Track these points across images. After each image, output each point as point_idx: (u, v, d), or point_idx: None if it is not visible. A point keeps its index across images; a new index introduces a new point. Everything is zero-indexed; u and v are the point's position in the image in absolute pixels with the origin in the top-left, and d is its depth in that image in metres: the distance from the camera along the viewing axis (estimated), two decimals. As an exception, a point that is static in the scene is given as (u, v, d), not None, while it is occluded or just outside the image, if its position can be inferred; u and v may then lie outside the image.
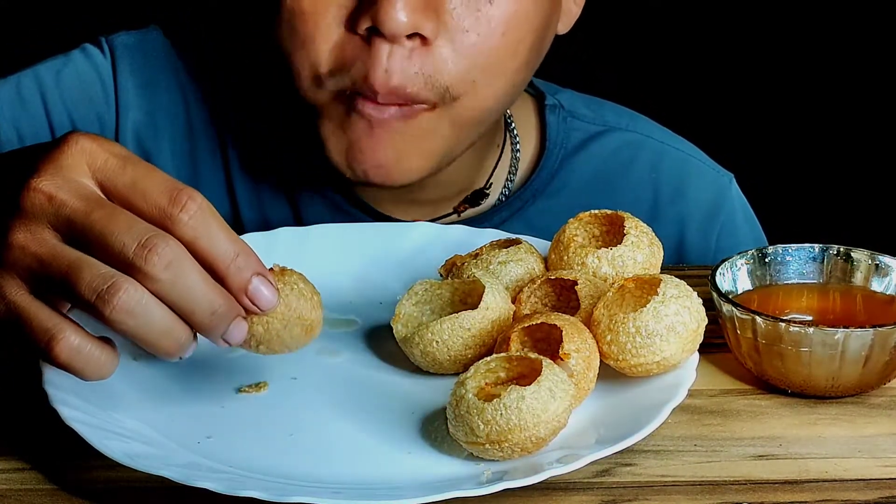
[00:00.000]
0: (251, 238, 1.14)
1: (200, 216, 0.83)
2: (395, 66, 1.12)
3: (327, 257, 1.13)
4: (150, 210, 0.83)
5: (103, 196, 0.84)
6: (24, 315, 0.84)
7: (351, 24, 1.14)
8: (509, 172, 1.35)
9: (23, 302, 0.84)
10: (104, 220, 0.83)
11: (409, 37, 1.12)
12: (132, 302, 0.82)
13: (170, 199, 0.83)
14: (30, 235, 0.84)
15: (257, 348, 0.89)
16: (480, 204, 1.34)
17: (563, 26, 1.27)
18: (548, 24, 1.21)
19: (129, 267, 0.82)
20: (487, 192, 1.34)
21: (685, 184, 1.40)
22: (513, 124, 1.36)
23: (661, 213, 1.38)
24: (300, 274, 0.91)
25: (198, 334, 0.87)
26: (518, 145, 1.36)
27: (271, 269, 0.89)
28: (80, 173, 0.84)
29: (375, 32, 1.12)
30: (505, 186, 1.35)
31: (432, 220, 1.31)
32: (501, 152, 1.35)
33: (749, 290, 1.05)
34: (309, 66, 1.16)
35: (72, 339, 0.83)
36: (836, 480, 0.91)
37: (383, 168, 1.16)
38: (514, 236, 1.11)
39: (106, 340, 0.85)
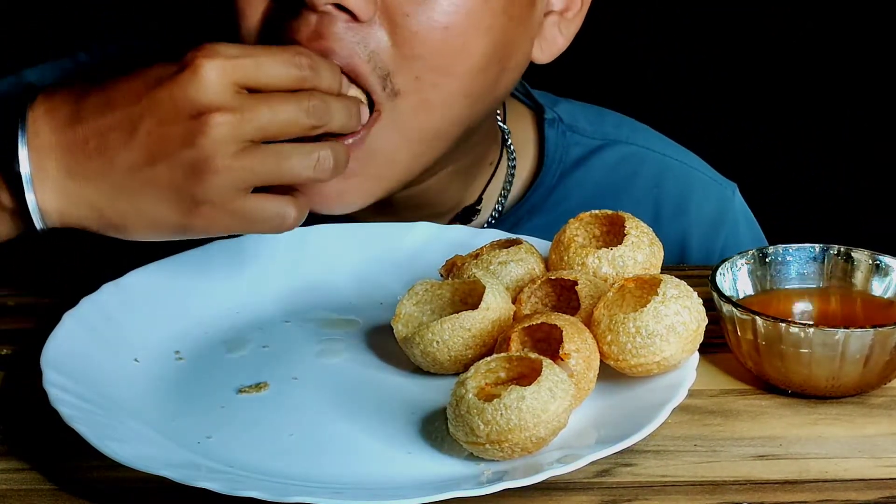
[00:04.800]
0: (252, 237, 1.14)
1: (318, 67, 1.02)
2: (325, 29, 1.07)
3: (327, 257, 1.13)
4: (290, 85, 1.00)
5: (248, 94, 0.99)
6: (249, 217, 0.99)
7: None
8: (503, 189, 1.33)
9: (242, 208, 0.98)
10: (279, 113, 0.98)
11: (339, 10, 1.07)
12: (333, 160, 1.01)
13: (297, 66, 1.00)
14: (229, 156, 0.97)
15: None
16: (472, 221, 1.31)
17: (545, 55, 1.21)
18: (509, 34, 1.14)
19: (311, 131, 1.00)
20: (479, 208, 1.31)
21: (688, 198, 1.38)
22: (509, 140, 1.33)
23: (664, 228, 1.35)
24: None
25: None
26: (514, 161, 1.34)
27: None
28: (224, 87, 0.98)
29: (302, 4, 1.08)
30: (498, 203, 1.33)
31: None
32: (496, 169, 1.32)
33: (749, 292, 1.05)
34: (244, 40, 1.12)
35: (298, 216, 1.01)
36: (836, 480, 0.91)
37: (325, 199, 1.11)
38: (514, 236, 1.10)
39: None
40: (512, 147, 1.33)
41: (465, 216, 1.30)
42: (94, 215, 1.00)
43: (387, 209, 1.23)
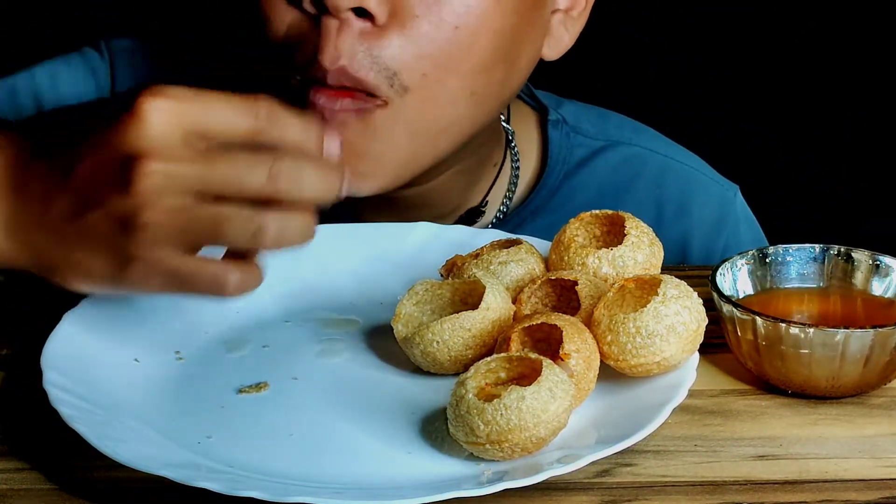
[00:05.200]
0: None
1: (280, 119, 0.90)
2: (343, 43, 1.09)
3: (327, 257, 1.13)
4: (243, 135, 0.89)
5: (201, 146, 0.89)
6: (183, 276, 0.89)
7: (297, 0, 1.12)
8: (508, 190, 1.33)
9: (179, 265, 0.89)
10: (223, 170, 0.88)
11: (359, 16, 1.09)
12: (279, 232, 0.89)
13: (253, 114, 0.89)
14: (163, 211, 0.87)
15: None
16: (476, 222, 1.32)
17: (552, 52, 1.23)
18: (518, 34, 1.16)
19: (263, 193, 0.89)
20: (483, 209, 1.32)
21: (689, 200, 1.38)
22: (513, 141, 1.34)
23: (665, 230, 1.35)
24: None
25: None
26: (518, 162, 1.34)
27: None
28: (168, 132, 0.88)
29: (323, 10, 1.10)
30: (503, 204, 1.33)
31: None
32: (500, 170, 1.33)
33: (749, 292, 1.05)
34: (269, 50, 1.14)
35: (238, 281, 0.90)
36: (836, 481, 0.91)
37: None
38: (514, 236, 1.11)
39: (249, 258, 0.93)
40: (516, 148, 1.33)
41: (469, 218, 1.30)
42: (35, 262, 0.94)
43: (392, 209, 1.23)
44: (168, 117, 0.88)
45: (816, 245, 1.07)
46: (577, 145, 1.37)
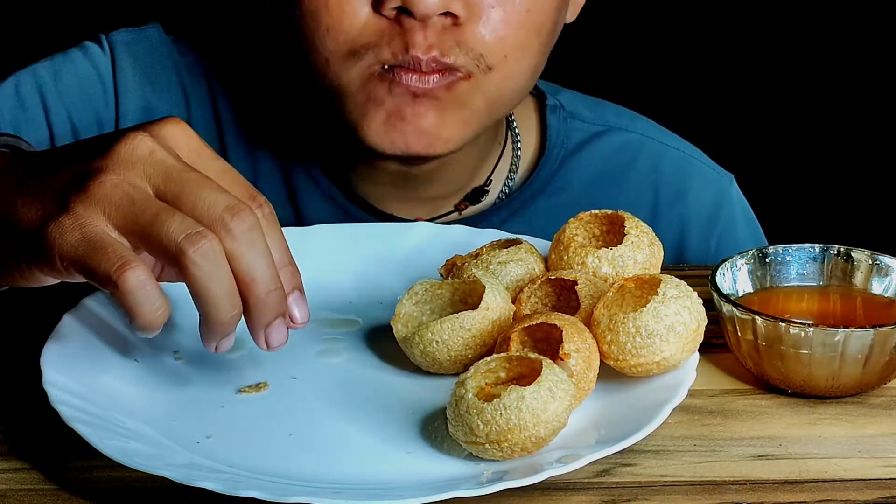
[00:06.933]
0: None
1: (251, 234, 0.87)
2: (432, 38, 1.15)
3: (327, 257, 1.13)
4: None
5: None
6: (101, 243, 0.85)
7: (377, 5, 1.16)
8: (510, 171, 1.36)
9: (102, 232, 0.86)
10: (198, 179, 0.87)
11: (442, 15, 1.15)
12: (212, 250, 0.85)
13: (226, 208, 0.87)
14: (124, 178, 0.87)
15: None
16: (481, 201, 1.34)
17: (570, 14, 1.29)
18: (563, 6, 1.24)
19: (213, 222, 0.86)
20: (487, 189, 1.34)
21: (685, 185, 1.40)
22: (514, 123, 1.37)
23: (662, 216, 1.38)
24: None
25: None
26: (519, 144, 1.37)
27: None
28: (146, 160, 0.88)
29: (404, 12, 1.15)
30: (505, 185, 1.35)
31: (433, 218, 1.31)
32: (503, 151, 1.36)
33: (749, 292, 1.05)
34: (336, 49, 1.18)
35: (142, 272, 0.85)
36: (836, 480, 0.91)
37: (425, 136, 1.19)
38: (514, 236, 1.11)
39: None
40: (517, 130, 1.36)
41: (475, 196, 1.33)
42: None
43: (407, 183, 1.29)
44: (152, 154, 0.88)
45: (816, 245, 1.07)
46: (575, 129, 1.39)
